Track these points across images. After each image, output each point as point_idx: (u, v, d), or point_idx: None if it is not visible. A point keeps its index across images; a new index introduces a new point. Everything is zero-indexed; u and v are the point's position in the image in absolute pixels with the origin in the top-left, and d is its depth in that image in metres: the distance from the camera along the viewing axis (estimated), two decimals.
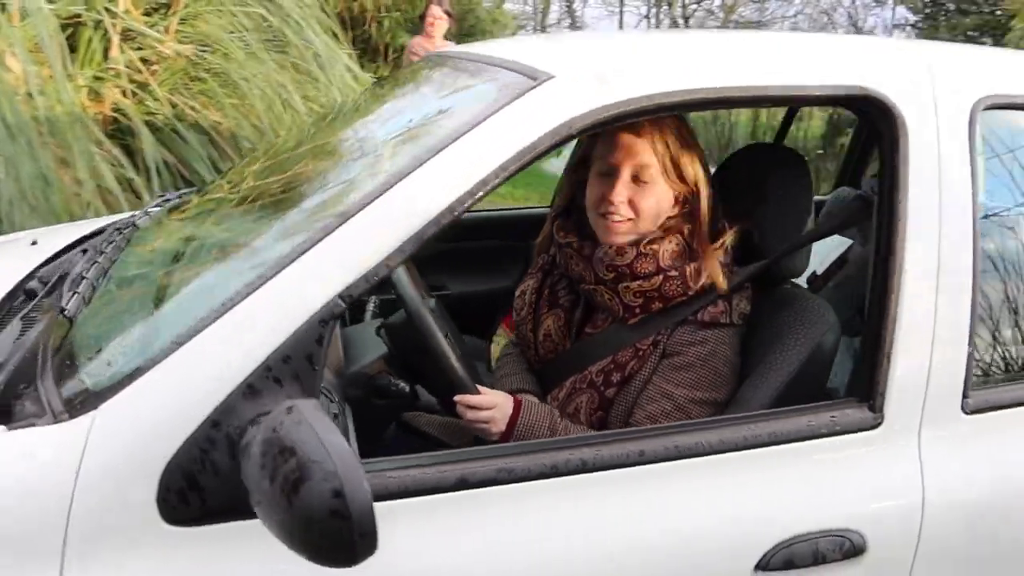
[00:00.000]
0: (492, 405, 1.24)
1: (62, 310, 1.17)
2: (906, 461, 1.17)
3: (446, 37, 5.02)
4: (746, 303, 1.35)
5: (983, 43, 9.74)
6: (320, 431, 0.76)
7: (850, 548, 1.12)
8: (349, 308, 0.96)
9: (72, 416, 0.90)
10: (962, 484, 1.20)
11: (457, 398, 1.23)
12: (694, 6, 15.15)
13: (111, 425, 0.89)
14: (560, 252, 1.42)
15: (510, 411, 1.25)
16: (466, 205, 0.99)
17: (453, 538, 0.99)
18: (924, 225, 1.17)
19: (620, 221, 1.30)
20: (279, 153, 1.62)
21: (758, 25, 15.22)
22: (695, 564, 1.08)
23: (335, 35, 5.04)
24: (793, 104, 2.17)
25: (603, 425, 1.33)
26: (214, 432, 0.89)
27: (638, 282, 1.31)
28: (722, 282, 1.30)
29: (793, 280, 1.43)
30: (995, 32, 7.82)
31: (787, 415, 1.16)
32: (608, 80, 1.07)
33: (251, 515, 0.86)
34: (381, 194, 0.98)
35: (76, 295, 1.20)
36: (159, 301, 1.16)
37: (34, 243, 1.71)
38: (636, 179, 1.30)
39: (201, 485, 0.89)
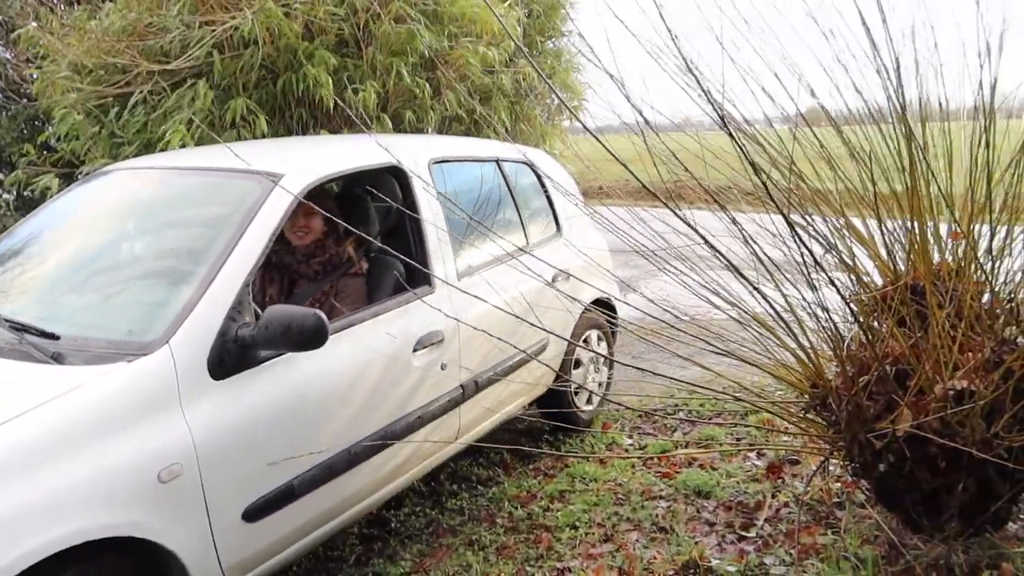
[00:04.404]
0: None
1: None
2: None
3: None
4: (362, 264, 2.99)
5: None
6: (291, 310, 2.16)
7: (440, 339, 2.87)
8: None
9: (156, 348, 2.06)
10: None
11: None
12: None
13: (181, 345, 2.09)
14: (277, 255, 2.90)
15: None
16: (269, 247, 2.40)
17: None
18: (426, 217, 2.97)
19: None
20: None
21: None
22: (389, 348, 2.69)
23: None
24: (370, 173, 3.12)
25: None
26: (222, 337, 2.16)
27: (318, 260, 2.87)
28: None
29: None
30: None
31: (404, 294, 2.84)
32: (310, 171, 2.59)
33: (247, 367, 2.19)
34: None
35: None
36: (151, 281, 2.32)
37: None
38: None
39: (223, 360, 2.16)
